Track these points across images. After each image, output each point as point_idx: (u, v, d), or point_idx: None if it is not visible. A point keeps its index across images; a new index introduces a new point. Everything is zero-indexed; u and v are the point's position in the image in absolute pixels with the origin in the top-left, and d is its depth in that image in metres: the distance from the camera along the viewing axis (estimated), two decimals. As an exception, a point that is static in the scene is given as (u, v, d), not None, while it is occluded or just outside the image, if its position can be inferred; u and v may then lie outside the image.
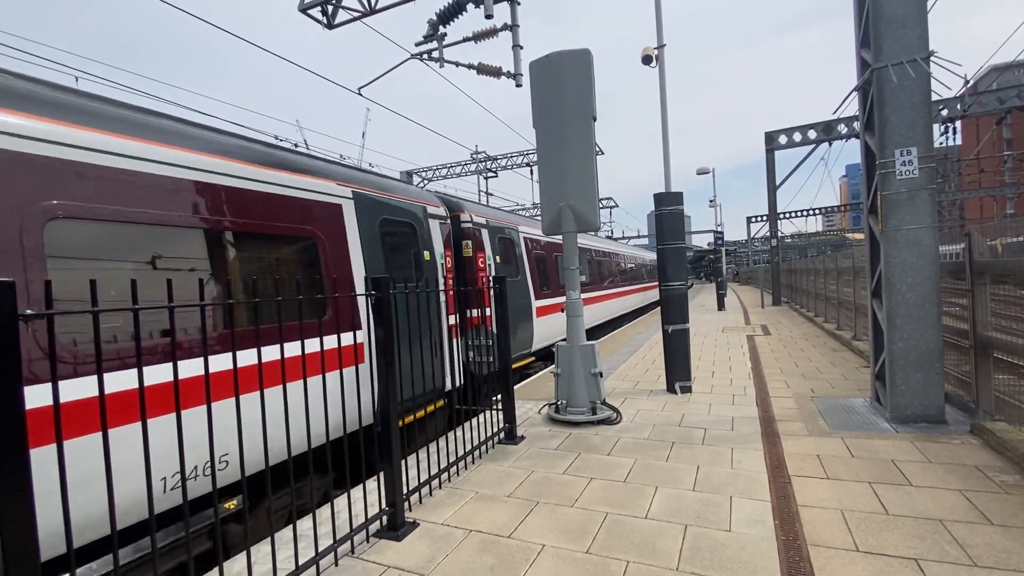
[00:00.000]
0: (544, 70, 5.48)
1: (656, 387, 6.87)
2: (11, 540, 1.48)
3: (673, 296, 6.46)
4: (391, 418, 3.19)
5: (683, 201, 6.45)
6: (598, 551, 2.89)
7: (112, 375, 2.77)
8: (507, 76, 7.83)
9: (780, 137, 20.24)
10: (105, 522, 2.51)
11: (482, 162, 25.44)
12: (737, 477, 3.79)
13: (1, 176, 2.59)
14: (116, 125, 3.23)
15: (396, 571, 2.81)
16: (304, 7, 8.25)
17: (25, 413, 1.53)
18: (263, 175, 4.05)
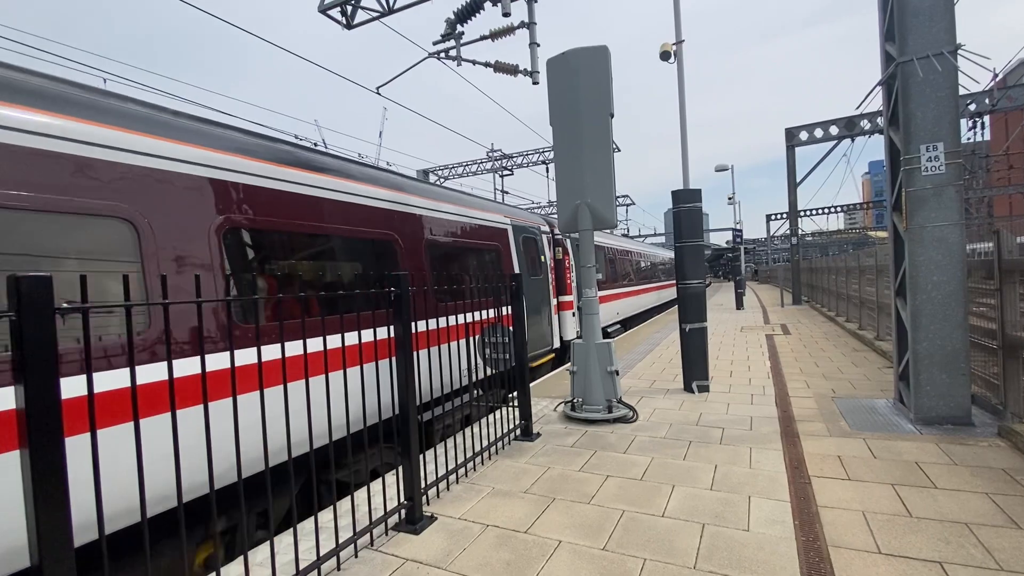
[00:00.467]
0: (561, 67, 5.47)
1: (673, 386, 6.83)
2: (47, 527, 1.54)
3: (691, 294, 6.41)
4: (410, 412, 3.24)
5: (701, 198, 6.39)
6: (615, 548, 2.89)
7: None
8: (524, 74, 7.83)
9: (801, 133, 19.88)
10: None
11: (498, 160, 25.47)
12: (756, 477, 3.76)
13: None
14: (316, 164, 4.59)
15: (414, 564, 2.85)
16: (324, 8, 8.35)
17: (61, 403, 1.59)
18: (478, 215, 7.11)
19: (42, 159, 2.69)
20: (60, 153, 2.77)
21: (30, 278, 1.53)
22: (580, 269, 5.56)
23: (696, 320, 6.39)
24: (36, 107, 2.77)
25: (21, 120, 2.66)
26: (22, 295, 1.51)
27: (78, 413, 2.54)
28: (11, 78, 2.79)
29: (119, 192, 2.99)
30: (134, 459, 1.98)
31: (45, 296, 1.54)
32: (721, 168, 22.92)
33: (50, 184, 2.69)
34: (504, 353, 5.01)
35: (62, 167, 2.76)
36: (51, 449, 1.56)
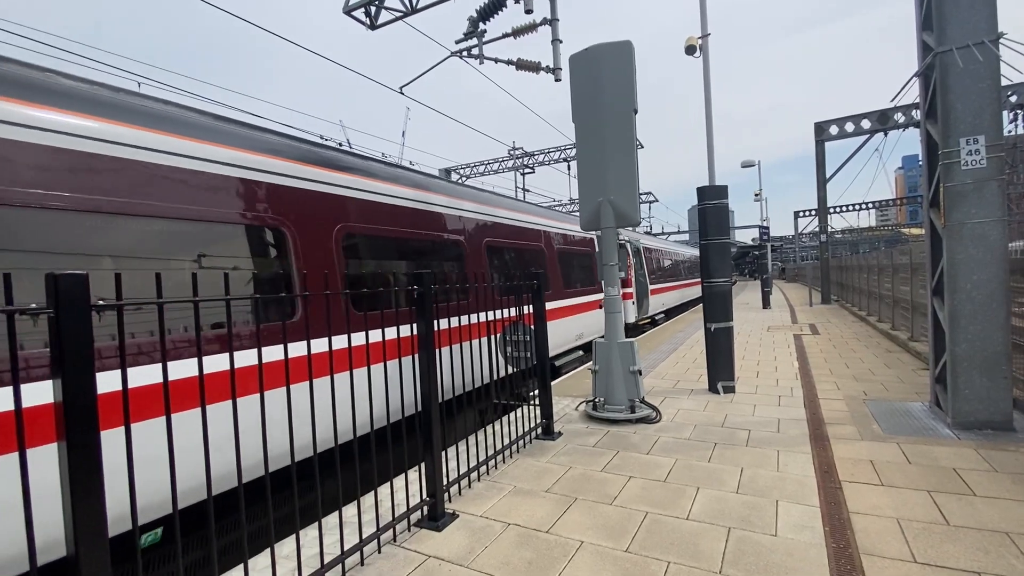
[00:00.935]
0: (584, 63, 5.42)
1: (697, 386, 6.72)
2: (83, 518, 1.59)
3: (716, 293, 6.29)
4: (432, 408, 3.25)
5: (727, 195, 6.26)
6: (638, 550, 2.86)
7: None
8: (546, 71, 7.78)
9: (831, 127, 19.31)
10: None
11: (519, 158, 25.43)
12: (783, 481, 3.67)
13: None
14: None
15: (436, 561, 2.87)
16: (348, 9, 8.44)
17: (94, 397, 1.64)
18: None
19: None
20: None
21: (67, 276, 1.57)
22: (603, 267, 5.50)
23: (722, 319, 6.27)
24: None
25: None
26: (60, 292, 1.56)
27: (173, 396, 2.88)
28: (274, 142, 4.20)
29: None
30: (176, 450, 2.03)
31: (82, 293, 1.59)
32: (747, 164, 22.44)
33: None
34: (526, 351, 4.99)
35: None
36: (87, 441, 1.60)
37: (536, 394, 5.02)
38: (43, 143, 2.76)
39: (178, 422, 2.95)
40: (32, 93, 2.82)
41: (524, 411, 5.30)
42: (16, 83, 2.79)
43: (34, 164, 2.70)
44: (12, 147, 2.62)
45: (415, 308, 3.27)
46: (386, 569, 2.79)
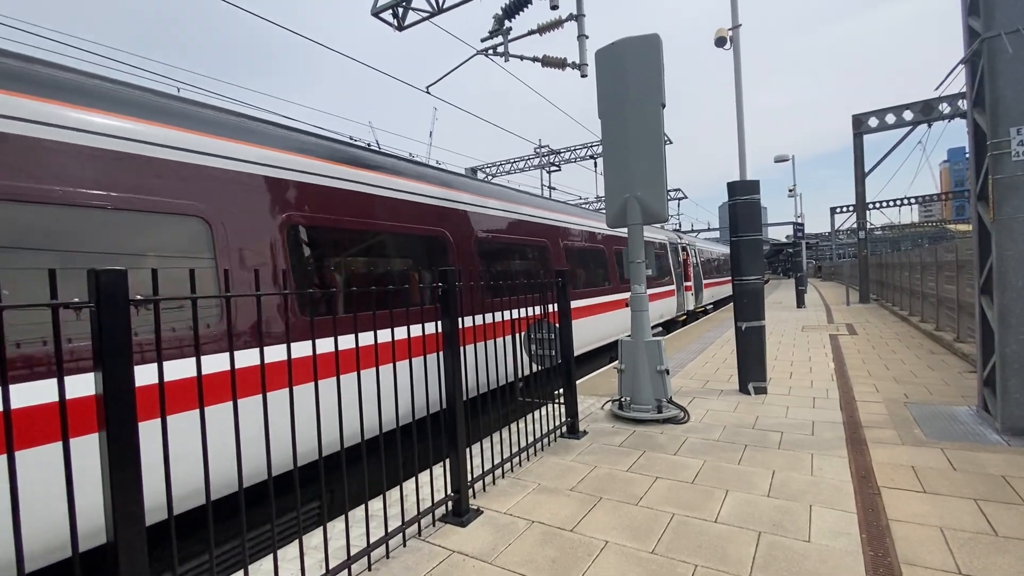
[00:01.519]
0: (610, 58, 5.35)
1: (727, 387, 6.56)
2: (122, 506, 1.66)
3: (748, 291, 6.13)
4: (456, 404, 3.27)
5: (759, 190, 6.08)
6: (664, 552, 2.81)
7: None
8: (572, 67, 7.72)
9: (870, 119, 18.54)
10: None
11: (545, 156, 25.34)
12: (818, 485, 3.55)
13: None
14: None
15: (460, 556, 2.88)
16: (376, 11, 8.56)
17: (133, 389, 1.70)
18: (667, 237, 15.05)
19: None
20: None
21: (108, 272, 1.64)
22: (629, 264, 5.42)
23: (753, 318, 6.11)
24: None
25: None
26: (101, 288, 1.63)
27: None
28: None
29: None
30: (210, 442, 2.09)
31: (121, 288, 1.66)
32: (781, 159, 21.80)
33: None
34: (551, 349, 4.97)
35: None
36: (126, 432, 1.67)
37: (561, 392, 5.00)
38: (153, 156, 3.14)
39: (205, 417, 3.05)
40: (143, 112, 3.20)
41: (549, 409, 5.28)
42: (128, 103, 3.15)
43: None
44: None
45: (440, 305, 3.30)
46: (411, 562, 2.82)
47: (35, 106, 2.71)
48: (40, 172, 2.66)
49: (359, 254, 4.50)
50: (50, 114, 2.75)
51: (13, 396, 2.39)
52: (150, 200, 3.06)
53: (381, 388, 3.19)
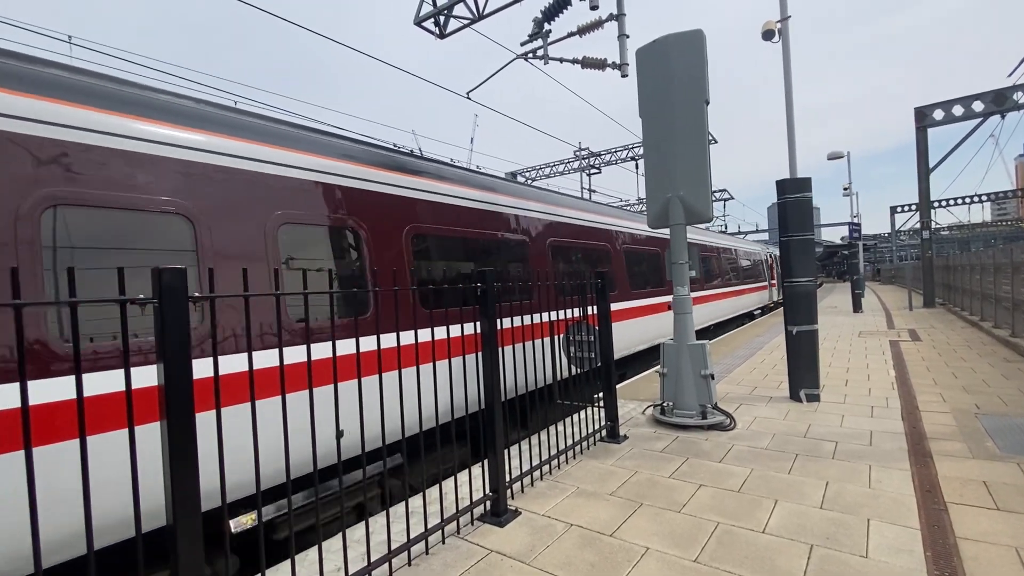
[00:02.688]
0: (652, 56, 5.26)
1: (777, 394, 6.29)
2: (180, 489, 1.75)
3: (799, 293, 5.86)
4: (495, 405, 3.28)
5: (811, 188, 5.82)
6: (708, 561, 2.71)
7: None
8: (612, 67, 7.65)
9: (935, 112, 17.38)
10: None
11: (585, 159, 25.17)
12: (876, 498, 3.34)
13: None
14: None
15: (498, 556, 2.88)
16: (419, 20, 8.76)
17: (191, 380, 1.80)
18: (764, 251, 21.71)
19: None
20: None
21: (169, 270, 1.75)
22: (672, 266, 5.30)
23: (805, 322, 5.83)
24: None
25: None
26: (163, 285, 1.73)
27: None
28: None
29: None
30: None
31: (181, 285, 1.76)
32: (835, 156, 20.76)
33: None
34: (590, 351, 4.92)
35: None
36: (185, 420, 1.77)
37: (600, 396, 4.93)
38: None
39: (244, 412, 3.18)
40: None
41: (588, 413, 5.22)
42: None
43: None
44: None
45: (479, 306, 3.32)
46: (450, 560, 2.85)
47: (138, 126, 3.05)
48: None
49: (465, 259, 5.32)
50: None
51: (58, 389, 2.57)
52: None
53: (421, 388, 3.26)
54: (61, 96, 2.81)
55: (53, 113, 2.73)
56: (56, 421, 2.53)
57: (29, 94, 2.68)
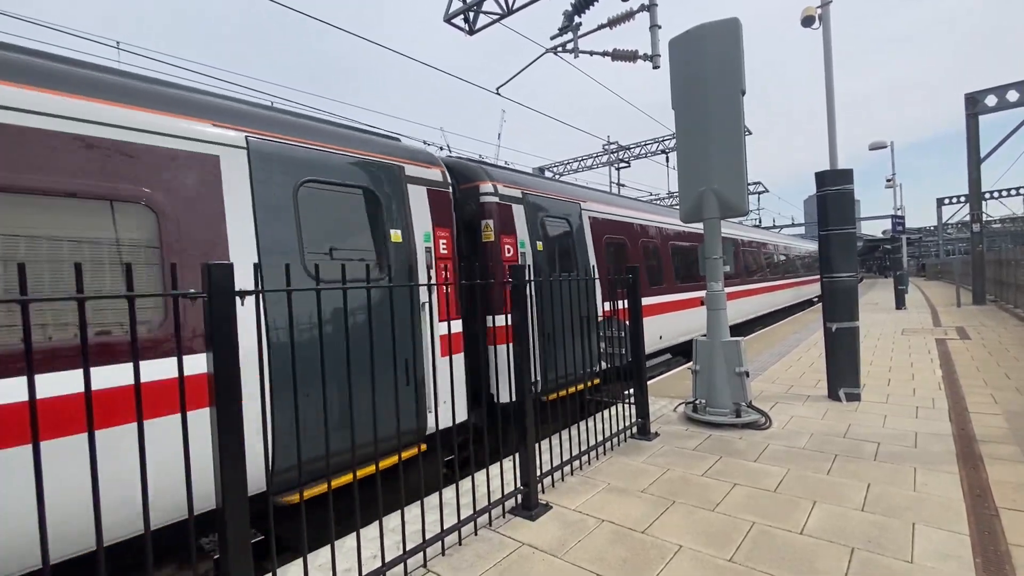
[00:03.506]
0: (686, 45, 5.16)
1: (814, 393, 6.11)
2: (229, 473, 1.84)
3: (839, 289, 5.66)
4: (525, 399, 3.30)
5: (853, 180, 5.61)
6: (743, 561, 2.67)
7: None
8: (643, 59, 7.53)
9: (987, 98, 16.43)
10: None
11: (614, 152, 24.87)
12: (922, 502, 3.22)
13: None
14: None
15: (529, 549, 2.91)
16: (448, 17, 8.81)
17: (238, 369, 1.88)
18: (807, 247, 22.42)
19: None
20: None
21: (218, 266, 1.82)
22: (706, 260, 5.20)
23: (845, 319, 5.64)
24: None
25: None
26: (212, 279, 1.81)
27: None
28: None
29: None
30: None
31: (228, 280, 1.83)
32: (877, 146, 19.93)
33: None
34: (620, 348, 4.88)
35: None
36: (232, 407, 1.85)
37: (631, 392, 4.89)
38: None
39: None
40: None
41: (618, 409, 5.19)
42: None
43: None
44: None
45: (511, 299, 3.34)
46: (482, 551, 2.89)
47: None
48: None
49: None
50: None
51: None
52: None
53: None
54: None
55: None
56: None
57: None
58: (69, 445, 2.45)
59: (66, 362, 2.50)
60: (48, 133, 2.53)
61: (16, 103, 2.47)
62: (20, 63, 2.60)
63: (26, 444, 2.32)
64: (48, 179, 2.50)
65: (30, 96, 2.53)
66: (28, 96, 2.52)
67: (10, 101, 2.45)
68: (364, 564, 2.77)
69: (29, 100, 2.52)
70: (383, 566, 2.49)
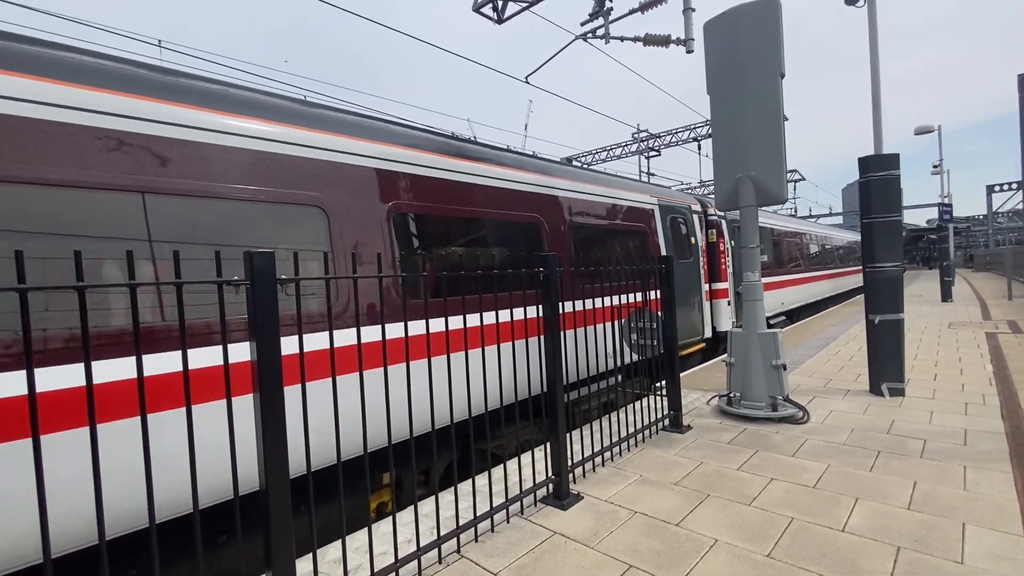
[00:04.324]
0: (722, 27, 4.99)
1: (855, 387, 5.91)
2: (271, 456, 1.89)
3: (882, 280, 5.43)
4: (556, 390, 3.29)
5: (899, 165, 5.35)
6: (782, 557, 2.61)
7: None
8: (676, 43, 7.32)
9: (1048, 78, 15.41)
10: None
11: (643, 141, 24.40)
12: (972, 501, 3.08)
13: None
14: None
15: (561, 538, 2.91)
16: (477, 7, 8.76)
17: (279, 356, 1.92)
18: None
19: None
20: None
21: (259, 254, 1.86)
22: (742, 250, 5.06)
23: (889, 310, 5.41)
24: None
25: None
26: (254, 268, 1.85)
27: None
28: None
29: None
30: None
31: (270, 268, 1.87)
32: (923, 130, 18.94)
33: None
34: (652, 339, 4.81)
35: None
36: (274, 393, 1.89)
37: (663, 384, 4.83)
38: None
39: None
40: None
41: (650, 401, 5.12)
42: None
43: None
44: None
45: (540, 290, 3.32)
46: (514, 538, 2.91)
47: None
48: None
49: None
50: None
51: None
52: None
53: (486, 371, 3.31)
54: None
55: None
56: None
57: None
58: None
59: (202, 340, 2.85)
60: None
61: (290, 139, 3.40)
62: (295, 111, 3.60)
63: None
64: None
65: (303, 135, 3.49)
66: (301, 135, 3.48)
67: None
68: (400, 548, 2.82)
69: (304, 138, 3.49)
70: (418, 550, 2.53)
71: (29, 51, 2.52)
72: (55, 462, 2.31)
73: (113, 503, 2.48)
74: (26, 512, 2.23)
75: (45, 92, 2.45)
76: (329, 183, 3.54)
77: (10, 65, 2.40)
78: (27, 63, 2.46)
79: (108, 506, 2.44)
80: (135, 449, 2.51)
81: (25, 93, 2.39)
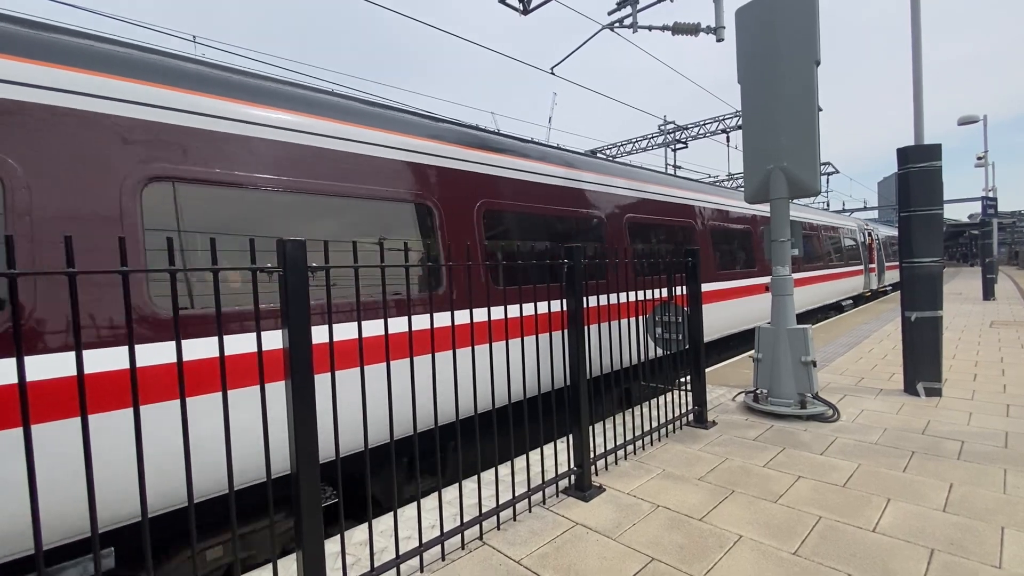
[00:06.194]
0: (754, 14, 4.85)
1: (888, 386, 5.73)
2: (302, 440, 1.94)
3: (920, 275, 5.24)
4: (580, 382, 3.28)
5: (940, 156, 5.13)
6: (809, 555, 2.57)
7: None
8: (706, 32, 7.15)
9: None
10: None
11: (670, 133, 23.95)
12: (1013, 505, 2.96)
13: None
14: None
15: (583, 528, 2.92)
16: (502, -4, 8.70)
17: (310, 343, 1.97)
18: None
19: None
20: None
21: (292, 242, 1.90)
22: (772, 244, 4.94)
23: (927, 307, 5.21)
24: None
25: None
26: (287, 256, 1.90)
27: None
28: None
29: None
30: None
31: (301, 256, 1.92)
32: (967, 120, 18.11)
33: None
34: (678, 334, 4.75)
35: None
36: (305, 380, 1.94)
37: (687, 379, 4.77)
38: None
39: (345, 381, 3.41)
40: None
41: (674, 396, 5.07)
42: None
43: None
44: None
45: (564, 283, 3.31)
46: (536, 528, 2.93)
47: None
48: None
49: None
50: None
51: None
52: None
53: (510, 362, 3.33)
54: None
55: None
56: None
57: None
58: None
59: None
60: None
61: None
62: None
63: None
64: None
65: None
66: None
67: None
68: (424, 533, 2.88)
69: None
70: (441, 535, 2.57)
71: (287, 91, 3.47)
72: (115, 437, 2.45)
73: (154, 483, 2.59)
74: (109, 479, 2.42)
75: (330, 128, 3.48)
76: (438, 185, 4.09)
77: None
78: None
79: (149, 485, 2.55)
80: (175, 432, 2.61)
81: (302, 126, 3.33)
